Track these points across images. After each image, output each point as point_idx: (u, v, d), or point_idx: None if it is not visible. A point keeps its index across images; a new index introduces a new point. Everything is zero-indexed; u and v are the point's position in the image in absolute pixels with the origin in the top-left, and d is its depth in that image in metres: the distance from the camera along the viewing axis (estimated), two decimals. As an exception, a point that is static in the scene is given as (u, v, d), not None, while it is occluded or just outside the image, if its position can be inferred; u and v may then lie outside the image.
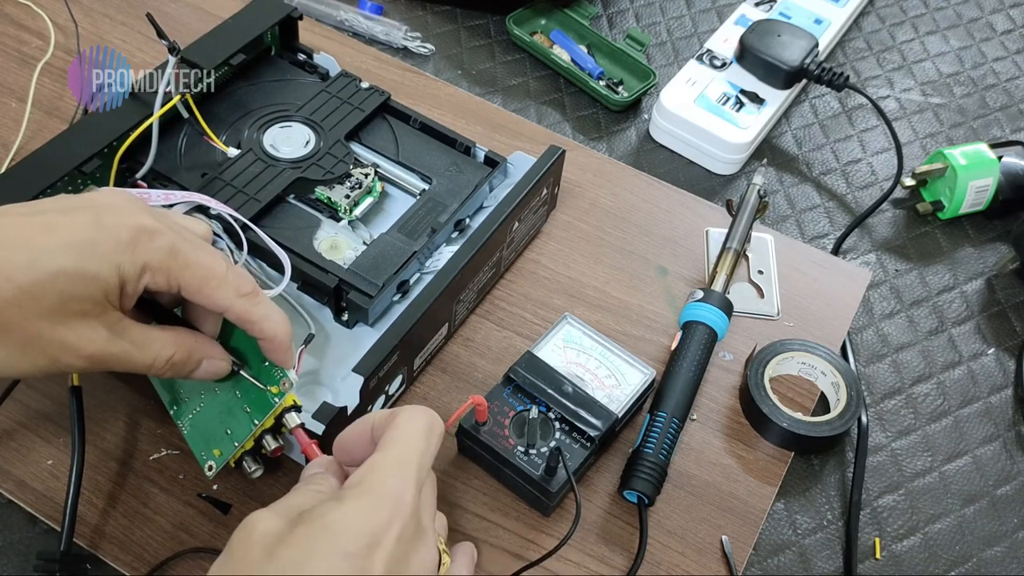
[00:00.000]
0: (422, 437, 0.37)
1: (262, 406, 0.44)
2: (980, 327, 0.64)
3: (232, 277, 0.41)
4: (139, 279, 0.39)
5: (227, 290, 0.41)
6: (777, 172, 0.72)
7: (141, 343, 0.40)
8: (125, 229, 0.38)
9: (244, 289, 0.41)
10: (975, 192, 0.68)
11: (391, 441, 0.37)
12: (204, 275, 0.40)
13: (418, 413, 0.38)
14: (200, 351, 0.42)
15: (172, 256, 0.39)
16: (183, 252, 0.40)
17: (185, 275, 0.40)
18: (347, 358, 0.49)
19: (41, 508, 0.48)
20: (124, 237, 0.38)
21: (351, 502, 0.35)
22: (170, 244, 0.39)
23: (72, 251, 0.37)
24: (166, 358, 0.41)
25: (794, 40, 0.72)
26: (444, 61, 0.76)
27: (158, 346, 0.40)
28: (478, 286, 0.57)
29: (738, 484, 0.53)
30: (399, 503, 0.35)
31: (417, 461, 0.36)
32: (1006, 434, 0.59)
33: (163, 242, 0.39)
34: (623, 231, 0.64)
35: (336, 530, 0.34)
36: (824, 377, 0.57)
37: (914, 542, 0.54)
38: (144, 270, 0.39)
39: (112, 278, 0.38)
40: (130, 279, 0.38)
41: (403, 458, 0.36)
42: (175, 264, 0.39)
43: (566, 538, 0.46)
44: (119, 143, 0.53)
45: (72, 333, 0.37)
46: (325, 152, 0.57)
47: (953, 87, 0.79)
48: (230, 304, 0.41)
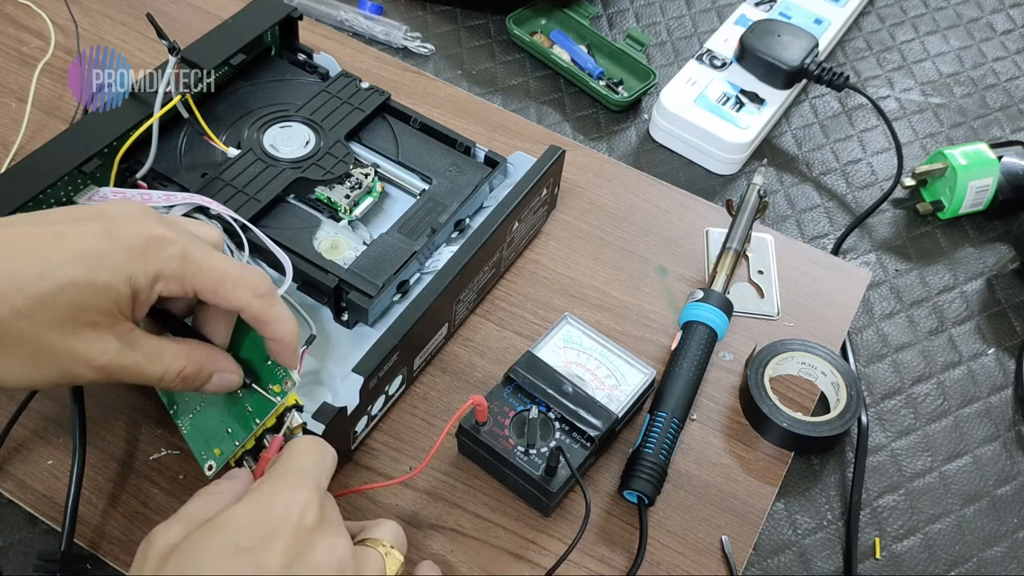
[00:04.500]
0: (313, 450, 0.40)
1: (264, 405, 0.44)
2: (980, 327, 0.64)
3: (248, 277, 0.41)
4: (152, 288, 0.39)
5: (244, 289, 0.41)
6: (777, 172, 0.72)
7: (152, 355, 0.40)
8: (135, 239, 0.38)
9: (261, 289, 0.41)
10: (975, 192, 0.68)
11: (284, 456, 0.39)
12: (219, 277, 0.40)
13: (307, 438, 0.41)
14: (212, 364, 0.42)
15: (185, 263, 0.39)
16: (195, 257, 0.39)
17: (200, 279, 0.39)
18: (347, 358, 0.49)
19: (41, 508, 0.48)
20: (135, 247, 0.38)
21: (244, 502, 0.36)
22: (182, 251, 0.39)
23: (83, 262, 0.37)
24: (177, 371, 0.40)
25: (794, 40, 0.72)
26: (444, 61, 0.76)
27: (170, 358, 0.40)
28: (478, 286, 0.57)
29: (738, 484, 0.53)
30: (294, 496, 0.36)
31: (311, 468, 0.38)
32: (1006, 434, 0.59)
33: (174, 249, 0.39)
34: (623, 231, 0.64)
35: (227, 526, 0.35)
36: (824, 377, 0.57)
37: (914, 542, 0.54)
38: (157, 279, 0.38)
39: (124, 289, 0.37)
40: (142, 289, 0.38)
41: (295, 466, 0.38)
42: (188, 270, 0.39)
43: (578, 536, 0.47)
44: (119, 143, 0.53)
45: (83, 344, 0.37)
46: (325, 152, 0.57)
47: (953, 87, 0.79)
48: (247, 303, 0.41)
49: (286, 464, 0.39)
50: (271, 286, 0.42)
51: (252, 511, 0.36)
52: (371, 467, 0.51)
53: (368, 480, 0.51)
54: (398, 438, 0.53)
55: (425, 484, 0.51)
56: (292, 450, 0.40)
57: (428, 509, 0.50)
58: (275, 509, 0.36)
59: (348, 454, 0.51)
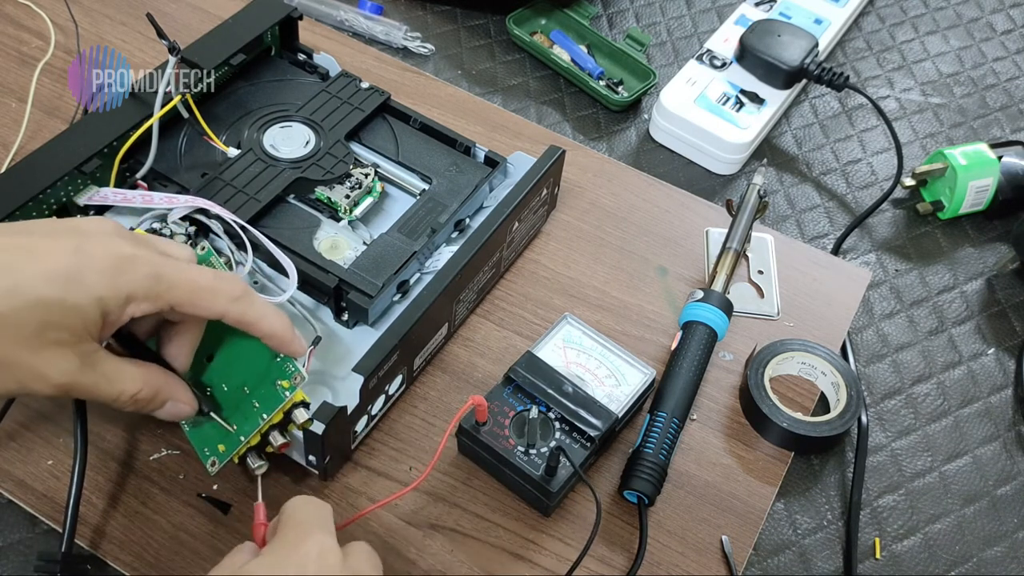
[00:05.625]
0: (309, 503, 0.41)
1: (272, 400, 0.44)
2: (980, 327, 0.64)
3: (221, 285, 0.41)
4: (123, 309, 0.39)
5: (219, 297, 0.41)
6: (777, 172, 0.72)
7: (111, 376, 0.40)
8: (106, 258, 0.38)
9: (236, 293, 0.42)
10: (975, 192, 0.68)
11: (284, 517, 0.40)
12: (193, 288, 0.40)
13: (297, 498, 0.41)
14: (167, 392, 0.43)
15: (157, 281, 0.39)
16: (166, 275, 0.40)
17: (174, 294, 0.40)
18: (347, 358, 0.49)
19: (41, 508, 0.48)
20: (105, 267, 0.38)
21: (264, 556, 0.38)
22: (152, 270, 0.39)
23: (55, 281, 0.37)
24: (131, 394, 0.41)
25: (794, 40, 0.72)
26: (444, 61, 0.76)
27: (127, 381, 0.41)
28: (478, 286, 0.57)
29: (738, 484, 0.53)
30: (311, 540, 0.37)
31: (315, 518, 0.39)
32: (1006, 434, 0.59)
33: (145, 269, 0.39)
34: (623, 231, 0.64)
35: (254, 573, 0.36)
36: (824, 377, 0.57)
37: (914, 542, 0.54)
38: (129, 300, 0.39)
39: (93, 311, 0.38)
40: (113, 310, 0.38)
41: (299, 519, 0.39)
42: (161, 288, 0.39)
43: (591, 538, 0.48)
44: (119, 143, 0.53)
45: (43, 362, 0.37)
46: (325, 152, 0.57)
47: (953, 87, 0.79)
48: (225, 310, 0.41)
49: (291, 520, 0.39)
50: (246, 288, 0.42)
51: (275, 559, 0.37)
52: (371, 467, 0.51)
53: (368, 480, 0.51)
54: (398, 438, 0.53)
55: (425, 484, 0.51)
56: (291, 509, 0.40)
57: (428, 509, 0.50)
58: (296, 556, 0.37)
59: (348, 454, 0.51)
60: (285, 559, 0.37)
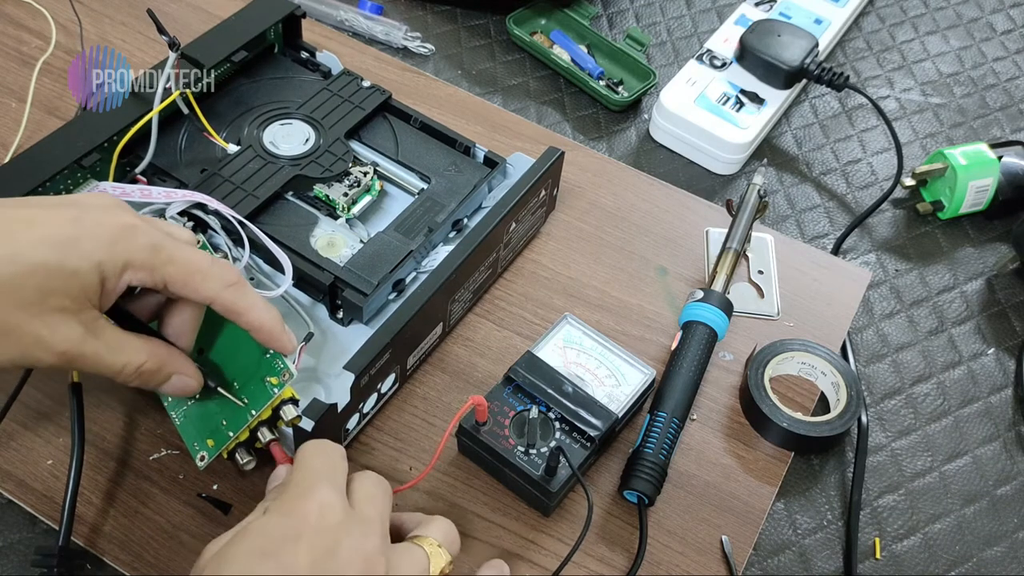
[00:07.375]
0: (320, 452, 0.40)
1: (260, 396, 0.44)
2: (980, 327, 0.64)
3: (217, 270, 0.41)
4: (120, 276, 0.39)
5: (213, 281, 0.41)
6: (777, 172, 0.72)
7: (115, 346, 0.40)
8: (107, 227, 0.38)
9: (230, 279, 0.42)
10: (975, 192, 0.68)
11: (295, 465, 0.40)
12: (188, 269, 0.40)
13: (311, 442, 0.41)
14: (172, 364, 0.42)
15: (155, 252, 0.39)
16: (166, 248, 0.40)
17: (169, 270, 0.40)
18: (341, 356, 0.49)
19: (41, 508, 0.48)
20: (105, 235, 0.38)
21: (269, 511, 0.38)
22: (152, 241, 0.39)
23: (53, 246, 0.37)
24: (137, 365, 0.41)
25: (794, 40, 0.72)
26: (444, 61, 0.76)
27: (131, 352, 0.40)
28: (474, 286, 0.57)
29: (738, 484, 0.53)
30: (312, 498, 0.37)
31: (324, 469, 0.39)
32: (1006, 434, 0.59)
33: (145, 239, 0.39)
34: (623, 231, 0.64)
35: (254, 533, 0.36)
36: (824, 377, 0.57)
37: (914, 542, 0.54)
38: (126, 267, 0.39)
39: (92, 275, 0.38)
40: (111, 276, 0.38)
41: (308, 470, 0.39)
42: (158, 260, 0.40)
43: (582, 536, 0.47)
44: (119, 138, 0.53)
45: (47, 328, 0.37)
46: (325, 150, 0.57)
47: (953, 87, 0.79)
48: (216, 295, 0.41)
49: (299, 471, 0.39)
50: (240, 277, 0.42)
51: (275, 518, 0.37)
52: (371, 466, 0.51)
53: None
54: (398, 438, 0.53)
55: (425, 484, 0.51)
56: (301, 456, 0.40)
57: (428, 509, 0.50)
58: (296, 513, 0.37)
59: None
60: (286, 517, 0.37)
